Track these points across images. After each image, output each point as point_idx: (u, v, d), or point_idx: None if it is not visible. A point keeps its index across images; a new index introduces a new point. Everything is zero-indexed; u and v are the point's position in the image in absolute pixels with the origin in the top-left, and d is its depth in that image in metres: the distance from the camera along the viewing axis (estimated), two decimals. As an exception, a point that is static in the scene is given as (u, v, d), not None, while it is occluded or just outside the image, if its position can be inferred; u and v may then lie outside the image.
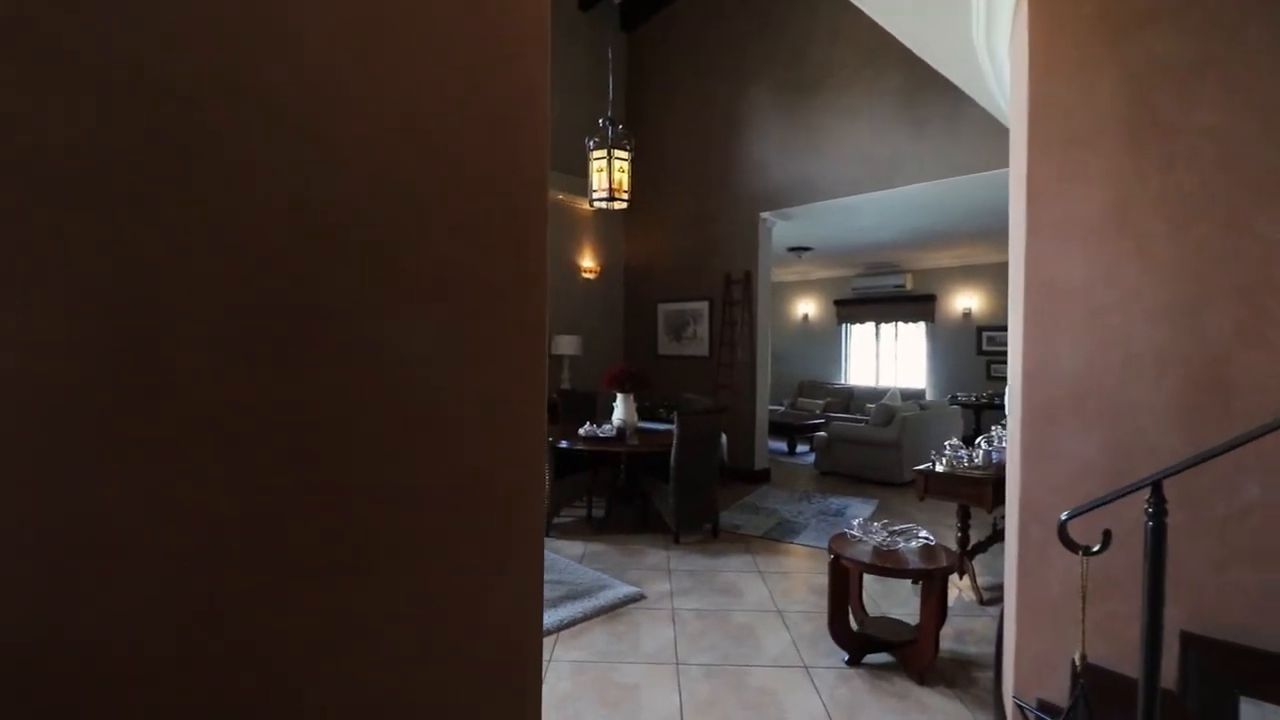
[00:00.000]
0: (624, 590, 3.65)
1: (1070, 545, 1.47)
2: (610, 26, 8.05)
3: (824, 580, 3.39)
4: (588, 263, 7.83)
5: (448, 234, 0.83)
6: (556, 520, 5.08)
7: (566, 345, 7.11)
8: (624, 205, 5.00)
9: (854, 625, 3.02)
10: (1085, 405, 2.12)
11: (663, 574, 4.00)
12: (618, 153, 4.85)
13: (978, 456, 3.77)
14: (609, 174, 4.83)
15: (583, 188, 5.07)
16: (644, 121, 8.04)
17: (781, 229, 7.40)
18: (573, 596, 3.55)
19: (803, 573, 4.07)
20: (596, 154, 4.88)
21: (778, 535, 4.85)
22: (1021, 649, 2.21)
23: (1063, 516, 1.52)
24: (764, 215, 6.78)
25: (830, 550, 2.89)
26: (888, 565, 2.71)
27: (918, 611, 3.00)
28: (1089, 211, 2.12)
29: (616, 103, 7.87)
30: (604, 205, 5.02)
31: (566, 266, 7.61)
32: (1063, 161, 2.17)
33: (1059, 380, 2.17)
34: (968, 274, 9.87)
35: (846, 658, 2.88)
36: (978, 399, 9.04)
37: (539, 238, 0.96)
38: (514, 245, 0.92)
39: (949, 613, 3.11)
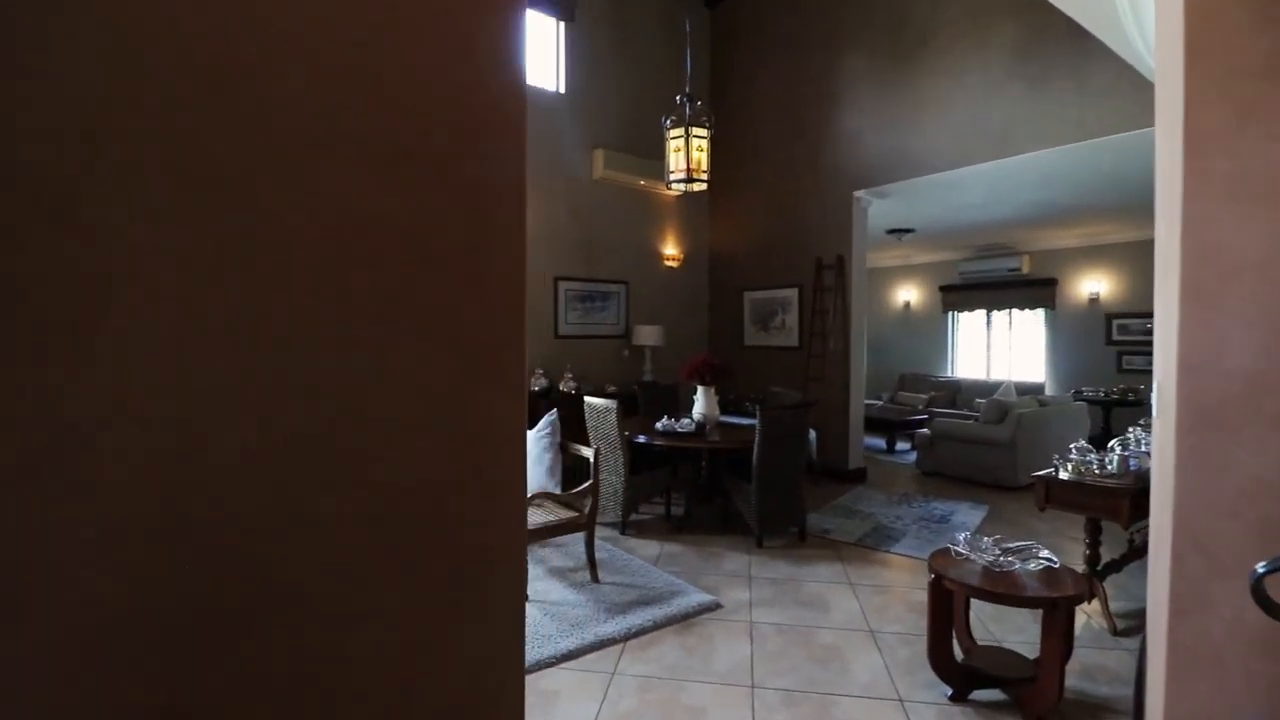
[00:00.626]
0: (699, 598, 3.43)
1: (1272, 609, 1.11)
2: (691, 2, 7.75)
3: (925, 597, 3.03)
4: (670, 250, 7.61)
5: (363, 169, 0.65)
6: (633, 518, 4.93)
7: (647, 336, 6.94)
8: (703, 186, 4.75)
9: (959, 654, 2.65)
10: (1264, 408, 1.68)
11: (742, 581, 3.75)
12: (696, 130, 4.60)
13: (1111, 463, 3.23)
14: (687, 153, 4.59)
15: (664, 174, 4.85)
16: (728, 101, 7.70)
17: (879, 210, 6.85)
18: (644, 602, 3.38)
19: (900, 587, 3.69)
20: (673, 133, 4.66)
21: (872, 542, 4.46)
22: (1172, 706, 1.80)
23: (1259, 569, 1.15)
24: (858, 194, 6.29)
25: (931, 569, 2.54)
26: (1001, 590, 2.33)
27: (1037, 641, 2.59)
28: (1273, 162, 1.66)
29: (698, 81, 7.59)
30: (682, 187, 4.79)
31: (648, 255, 7.43)
32: (1236, 99, 1.72)
33: (1228, 376, 1.73)
34: (1095, 254, 8.80)
35: (950, 692, 2.53)
36: (1107, 394, 8.05)
37: (513, 186, 0.76)
38: (467, 187, 0.72)
39: (1075, 644, 2.67)
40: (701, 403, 5.08)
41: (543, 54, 6.74)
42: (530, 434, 4.07)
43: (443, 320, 0.70)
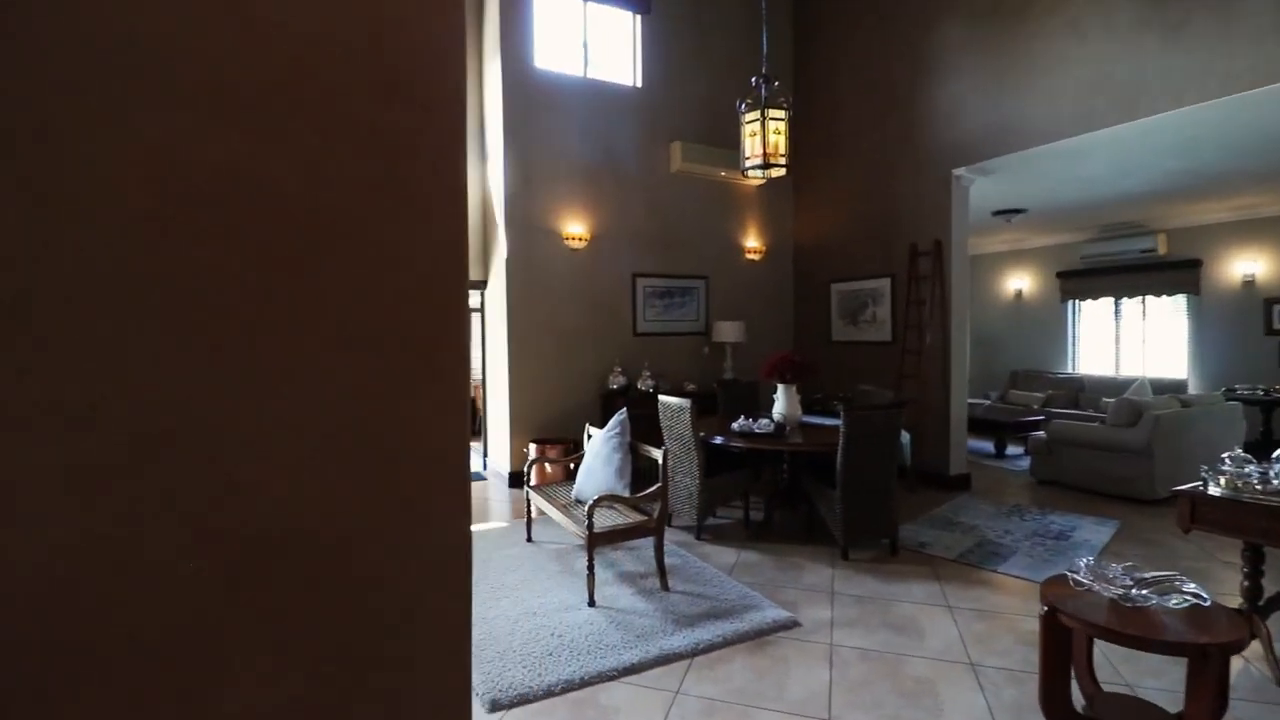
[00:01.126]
0: (774, 614, 3.18)
1: None
2: (774, -16, 7.37)
3: (1037, 626, 2.63)
4: (752, 243, 7.30)
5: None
6: (709, 522, 4.71)
7: (728, 332, 6.68)
8: (781, 170, 4.45)
9: (1079, 701, 2.26)
10: None
11: (824, 597, 3.45)
12: (772, 113, 4.31)
13: (1276, 476, 2.68)
14: (763, 137, 4.31)
15: (740, 161, 4.59)
16: (811, 84, 7.28)
17: (982, 189, 6.23)
18: (715, 615, 3.17)
19: (1008, 613, 3.26)
20: (749, 117, 4.39)
21: (976, 559, 4.00)
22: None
23: None
24: (957, 173, 5.73)
25: (1045, 600, 2.17)
26: (1133, 632, 1.94)
27: (1179, 688, 2.16)
28: None
29: (779, 66, 7.22)
30: (758, 174, 4.52)
31: (728, 248, 7.15)
32: None
33: None
34: (1250, 230, 7.61)
35: (1067, 745, 2.15)
36: (1268, 393, 6.93)
37: (448, 144, 0.59)
38: (383, 143, 0.56)
39: (1230, 697, 2.21)
40: (782, 402, 4.78)
41: (619, 49, 6.63)
42: (599, 434, 3.95)
43: (346, 310, 0.54)
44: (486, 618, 3.15)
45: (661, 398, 4.67)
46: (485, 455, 6.84)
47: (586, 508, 3.29)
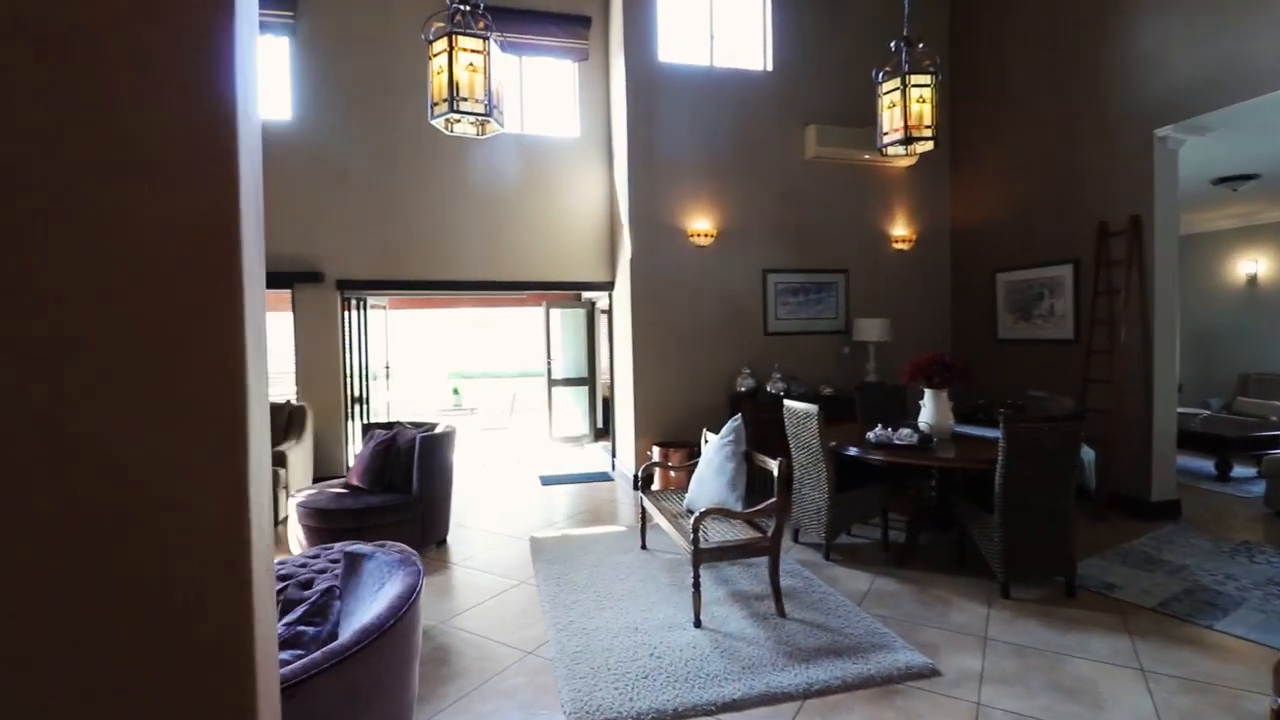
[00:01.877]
0: (909, 657, 2.73)
1: None
2: (926, -59, 6.61)
3: (1268, 712, 1.97)
4: (900, 231, 6.60)
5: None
6: (842, 541, 4.26)
7: (870, 330, 6.08)
8: (928, 144, 3.90)
9: (1344, 836, 1.63)
10: None
11: (973, 642, 2.92)
12: (915, 79, 3.79)
13: None
14: (905, 107, 3.80)
15: (876, 137, 4.10)
16: (972, 46, 6.42)
17: (1197, 152, 5.08)
18: (835, 651, 2.79)
19: (1228, 686, 2.53)
20: (887, 87, 3.90)
21: (1185, 611, 3.20)
22: None
23: None
24: (1162, 133, 4.70)
25: (1282, 689, 1.58)
26: None
27: None
28: None
29: (930, 28, 6.45)
30: (899, 150, 4.00)
31: (872, 238, 6.52)
32: None
33: None
34: None
35: None
36: None
37: (209, 72, 0.40)
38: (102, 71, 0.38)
39: None
40: (929, 409, 4.20)
41: (748, 33, 6.30)
42: (712, 441, 3.70)
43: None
44: (587, 629, 3.04)
45: (786, 402, 4.30)
46: (614, 456, 6.83)
47: (692, 520, 3.06)
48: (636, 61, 5.87)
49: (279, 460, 5.02)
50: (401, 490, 4.32)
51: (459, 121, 3.53)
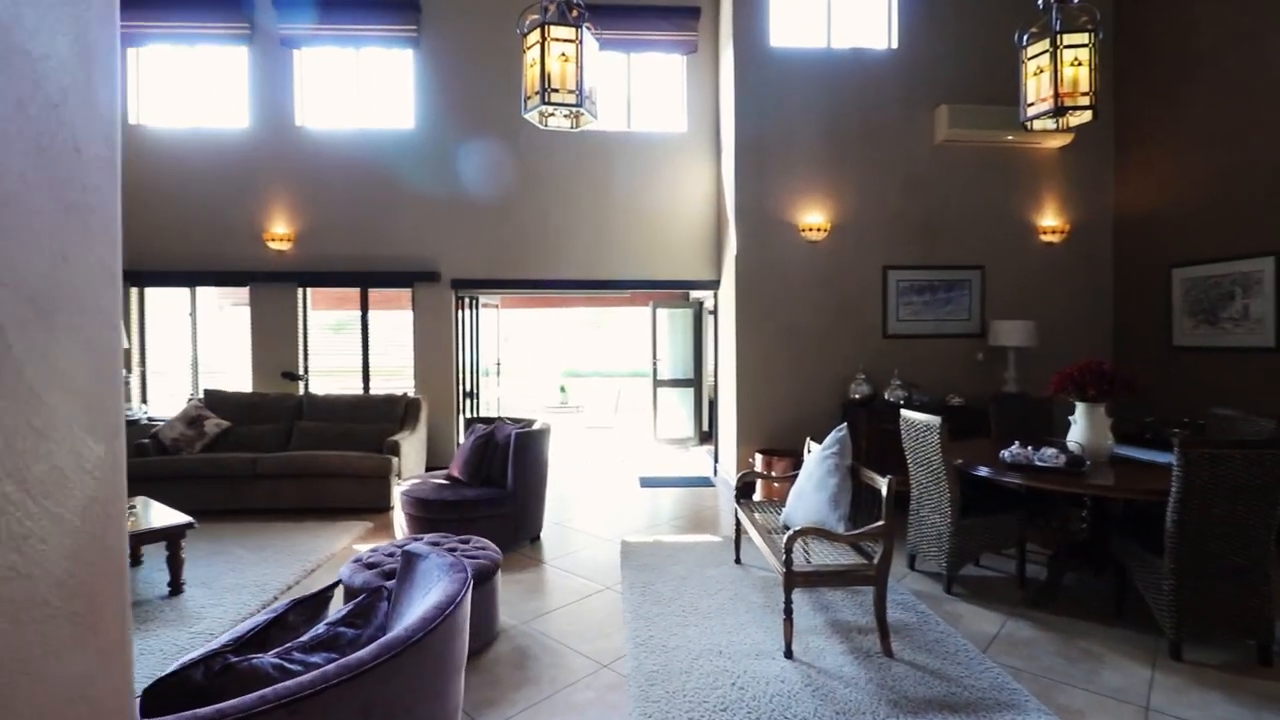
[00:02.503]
0: (1043, 723, 2.28)
1: None
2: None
3: None
4: (1049, 221, 5.79)
5: None
6: (966, 572, 3.75)
7: (1011, 334, 5.38)
8: (1085, 115, 3.33)
9: None
10: None
11: (1132, 713, 2.39)
12: (1069, 38, 3.23)
13: None
14: (1055, 72, 3.25)
15: (1019, 109, 3.56)
16: (1143, 3, 5.49)
17: None
18: (950, 705, 2.39)
19: None
20: (1033, 50, 3.38)
21: None
22: None
23: None
24: None
25: None
26: None
27: None
28: None
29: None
30: (1047, 124, 3.45)
31: (1014, 230, 5.78)
32: None
33: None
34: None
35: None
36: None
37: None
38: None
39: None
40: (1081, 426, 3.58)
41: (872, 7, 5.80)
42: (814, 452, 3.37)
43: None
44: (667, 646, 2.84)
45: (905, 412, 3.85)
46: (716, 461, 6.58)
47: (785, 539, 2.77)
48: (747, 48, 5.58)
49: (392, 449, 5.27)
50: (498, 485, 4.35)
51: (552, 115, 3.46)
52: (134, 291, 6.27)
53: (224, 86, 6.36)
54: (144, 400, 6.38)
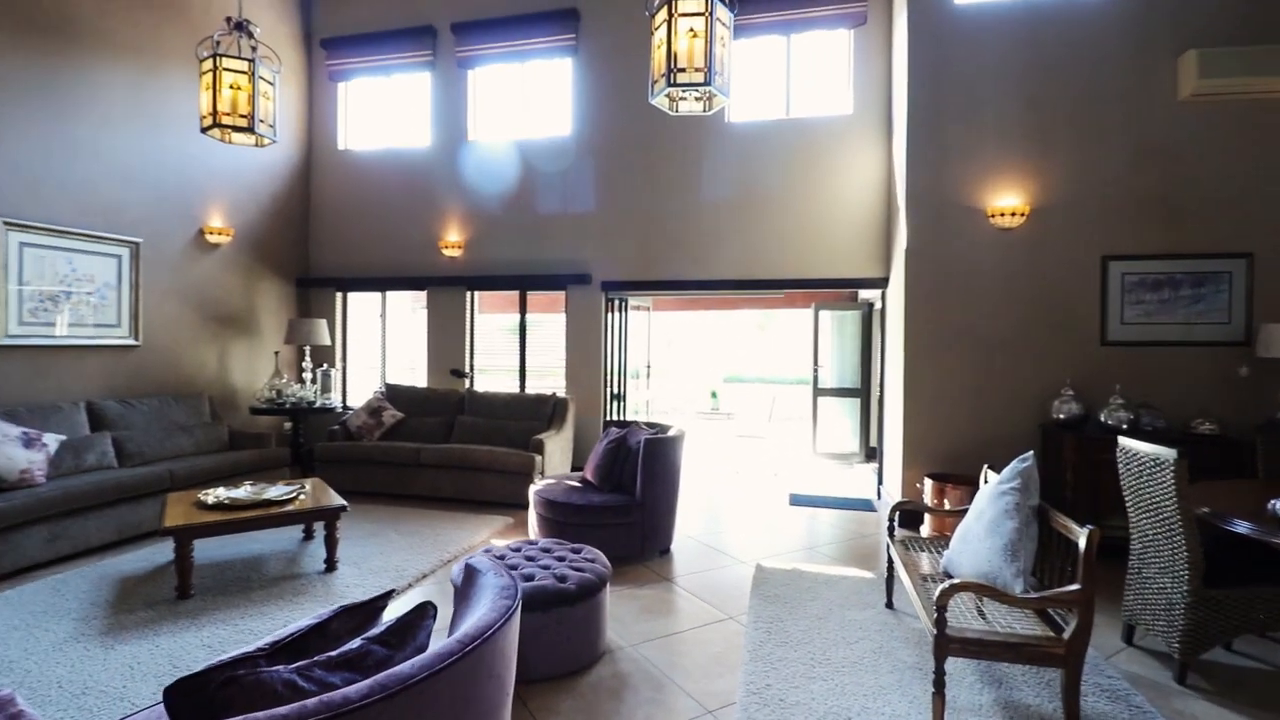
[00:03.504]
0: None
1: None
2: None
3: None
4: (1361, 194, 4.30)
5: None
6: (1208, 658, 2.81)
7: (1293, 343, 4.06)
8: None
9: None
10: None
11: None
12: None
13: None
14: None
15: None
16: None
17: None
18: None
19: None
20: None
21: None
22: None
23: None
24: None
25: None
26: None
27: None
28: None
29: None
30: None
31: (1302, 207, 4.37)
32: None
33: None
34: None
35: None
36: None
37: None
38: None
39: None
40: None
41: (1090, -58, 4.75)
42: (989, 484, 2.73)
43: None
44: (786, 701, 2.43)
45: (1124, 441, 2.99)
46: (880, 482, 5.84)
47: (938, 591, 2.22)
48: (926, 10, 4.86)
49: (537, 447, 5.36)
50: (628, 491, 4.19)
51: (683, 99, 3.21)
52: (338, 296, 7.13)
53: (412, 110, 7.01)
54: (344, 392, 7.22)
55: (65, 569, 3.72)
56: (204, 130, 3.70)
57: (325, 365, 6.75)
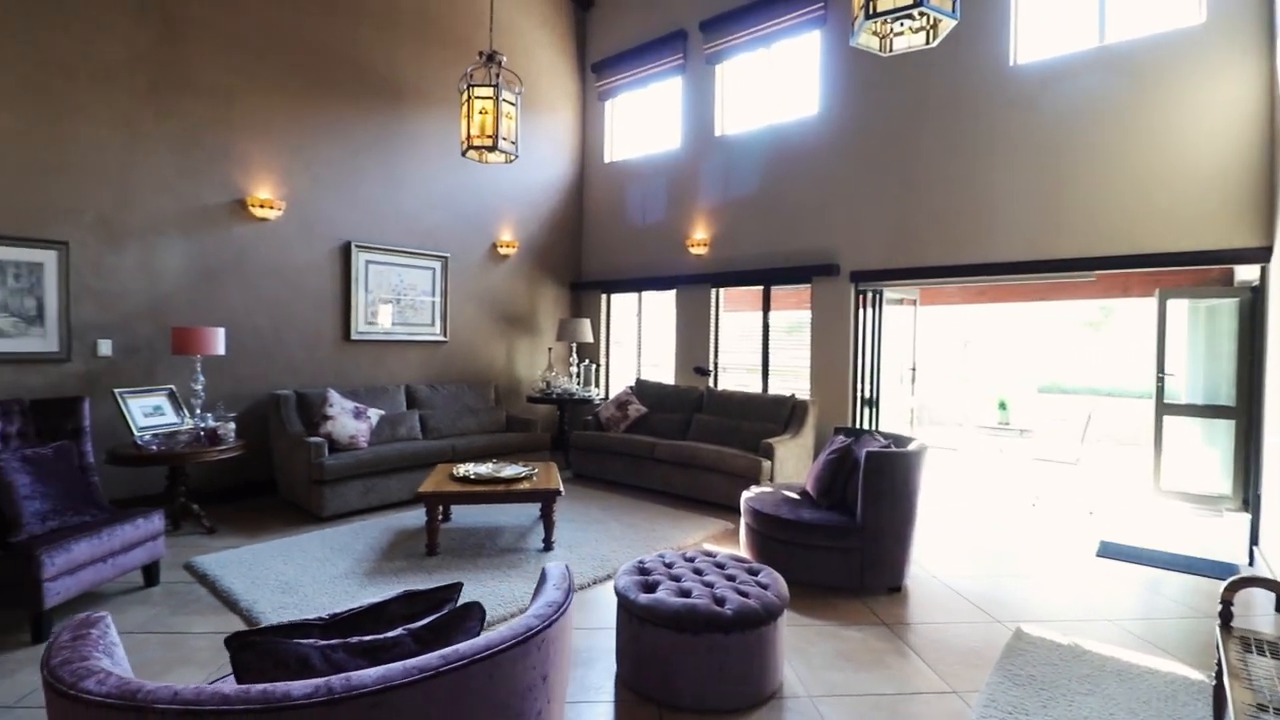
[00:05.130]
0: None
1: None
2: None
3: None
4: None
5: None
6: None
7: None
8: None
9: None
10: None
11: None
12: None
13: None
14: None
15: None
16: None
17: None
18: None
19: None
20: None
21: None
22: None
23: None
24: None
25: None
26: None
27: None
28: None
29: None
30: None
31: None
32: None
33: None
34: None
35: None
36: None
37: None
38: None
39: None
40: None
41: None
42: None
43: None
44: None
45: None
46: (1254, 542, 4.06)
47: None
48: None
49: (766, 451, 5.01)
50: (848, 511, 3.62)
51: (897, 33, 2.60)
52: (602, 297, 7.72)
53: (664, 116, 7.23)
54: (606, 385, 7.78)
55: (369, 518, 4.65)
56: (463, 153, 4.27)
57: (588, 360, 7.36)
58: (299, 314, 5.46)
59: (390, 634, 1.40)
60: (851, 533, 3.46)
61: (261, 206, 5.15)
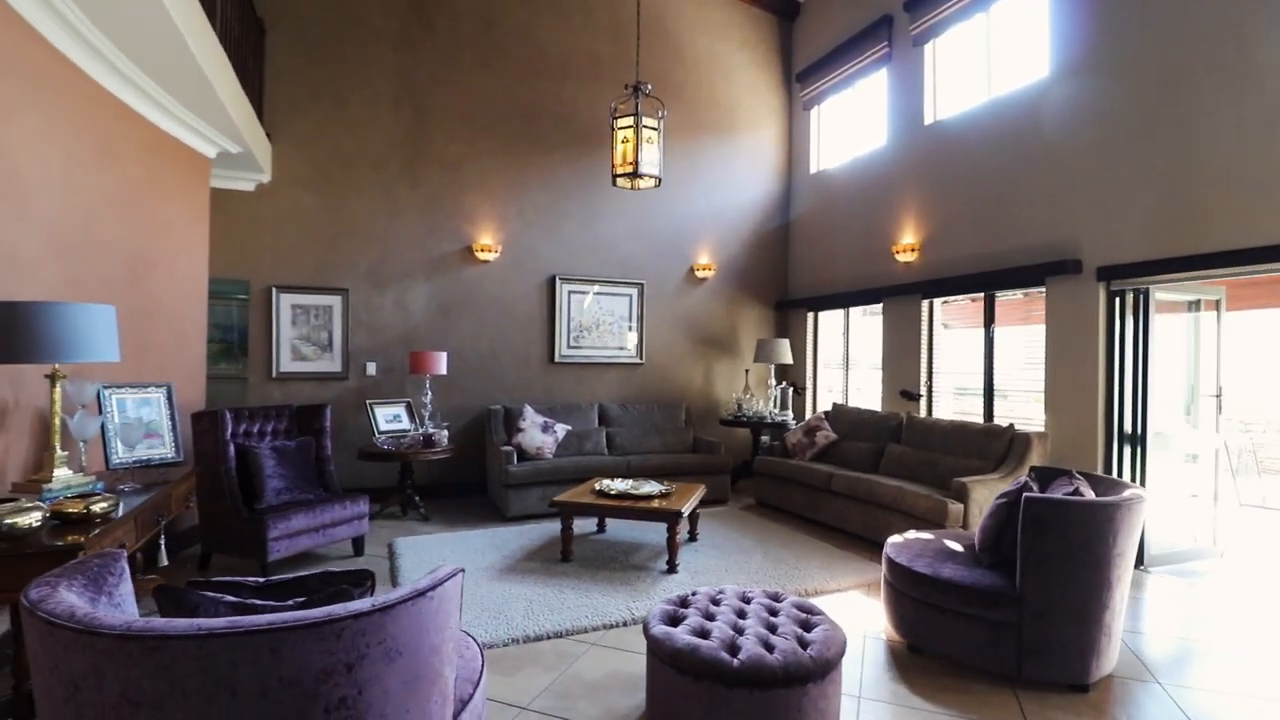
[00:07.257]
0: None
1: None
2: None
3: None
4: None
5: None
6: None
7: None
8: None
9: None
10: None
11: None
12: None
13: None
14: None
15: None
16: None
17: None
18: None
19: None
20: None
21: None
22: None
23: None
24: None
25: None
26: None
27: None
28: None
29: None
30: None
31: None
32: None
33: None
34: None
35: None
36: None
37: None
38: None
39: None
40: None
41: None
42: None
43: None
44: None
45: None
46: None
47: None
48: None
49: (958, 493, 4.15)
50: (1011, 574, 2.79)
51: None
52: (809, 315, 7.26)
53: (869, 113, 6.57)
54: (813, 408, 7.25)
55: (543, 523, 5.08)
56: (613, 183, 4.52)
57: (784, 383, 6.97)
58: (512, 340, 6.31)
59: (290, 601, 1.57)
60: (1002, 601, 2.66)
61: (483, 250, 6.12)
